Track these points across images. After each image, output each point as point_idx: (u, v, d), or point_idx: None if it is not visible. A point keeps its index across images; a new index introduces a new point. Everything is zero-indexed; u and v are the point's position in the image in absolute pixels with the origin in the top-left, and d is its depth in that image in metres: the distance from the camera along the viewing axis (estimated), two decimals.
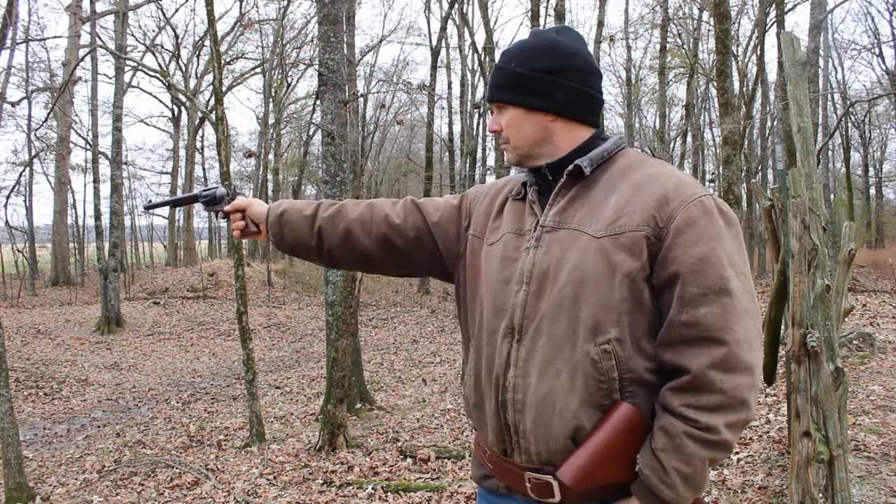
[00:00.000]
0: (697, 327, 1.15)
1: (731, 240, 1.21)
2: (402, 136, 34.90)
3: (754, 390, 1.16)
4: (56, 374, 10.88)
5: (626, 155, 1.34)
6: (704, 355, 1.14)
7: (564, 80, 1.31)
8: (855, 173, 31.92)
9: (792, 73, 3.11)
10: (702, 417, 1.13)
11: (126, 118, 23.52)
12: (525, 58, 1.33)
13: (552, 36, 1.34)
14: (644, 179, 1.26)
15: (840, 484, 2.87)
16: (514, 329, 1.28)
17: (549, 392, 1.22)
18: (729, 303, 1.15)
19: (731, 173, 9.50)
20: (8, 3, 6.36)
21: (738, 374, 1.14)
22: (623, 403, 1.19)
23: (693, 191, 1.23)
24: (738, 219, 1.27)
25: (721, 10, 9.63)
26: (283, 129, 28.26)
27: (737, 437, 1.17)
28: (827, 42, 20.76)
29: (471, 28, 23.96)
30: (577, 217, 1.27)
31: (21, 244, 22.58)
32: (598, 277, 1.20)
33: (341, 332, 5.68)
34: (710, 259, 1.16)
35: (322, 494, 4.57)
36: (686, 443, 1.13)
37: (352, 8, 13.37)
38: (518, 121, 1.34)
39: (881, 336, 7.76)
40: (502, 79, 1.35)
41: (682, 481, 1.14)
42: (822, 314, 2.84)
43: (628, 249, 1.19)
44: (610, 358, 1.18)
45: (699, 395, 1.14)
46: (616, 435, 1.17)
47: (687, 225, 1.18)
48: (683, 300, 1.16)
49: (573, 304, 1.21)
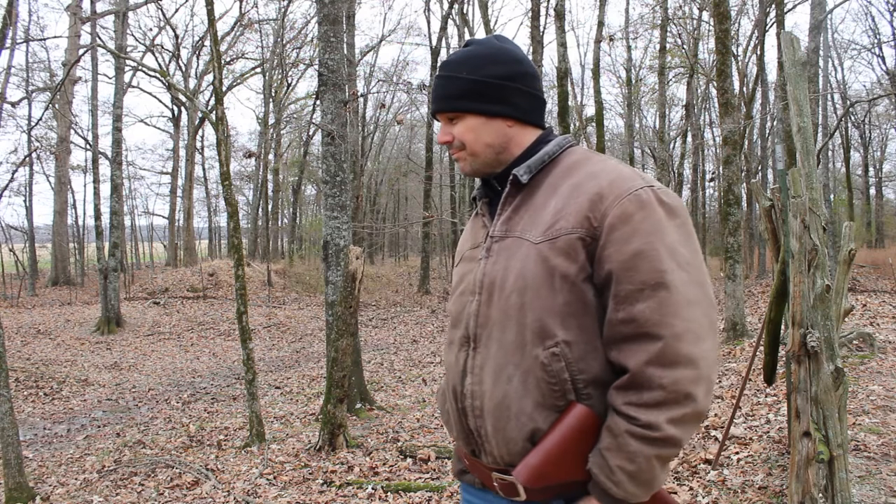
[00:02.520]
0: (634, 324, 1.15)
1: (675, 230, 1.19)
2: (402, 136, 34.94)
3: (701, 383, 1.13)
4: (56, 374, 10.88)
5: (571, 154, 1.34)
6: (642, 352, 1.14)
7: (520, 86, 1.33)
8: (855, 173, 31.95)
9: (792, 73, 3.11)
10: (642, 415, 1.12)
11: (126, 118, 23.55)
12: (477, 65, 1.32)
13: (496, 43, 1.36)
14: (583, 178, 1.26)
15: (840, 484, 2.87)
16: (469, 338, 1.32)
17: (503, 397, 1.24)
18: (666, 296, 1.14)
19: (731, 173, 9.50)
20: (8, 3, 6.36)
21: (678, 368, 1.12)
22: (577, 404, 1.20)
23: (629, 185, 1.21)
24: (684, 207, 1.24)
25: (721, 10, 9.63)
26: (283, 129, 28.26)
27: (686, 432, 1.14)
28: (827, 42, 20.76)
29: (471, 28, 23.98)
30: (521, 224, 1.29)
31: (19, 244, 22.59)
32: (540, 283, 1.21)
33: (341, 332, 5.68)
34: (645, 254, 1.15)
35: (322, 494, 4.57)
36: (628, 441, 1.13)
37: (352, 8, 13.38)
38: (476, 128, 1.34)
39: (881, 336, 7.76)
40: (456, 87, 1.33)
41: (629, 479, 1.14)
42: (822, 314, 2.84)
43: (565, 253, 1.20)
44: (559, 360, 1.19)
45: (640, 393, 1.13)
46: (569, 435, 1.19)
47: (620, 221, 1.18)
48: (619, 298, 1.16)
49: (519, 310, 1.23)
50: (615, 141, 32.29)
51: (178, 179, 29.13)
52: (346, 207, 6.86)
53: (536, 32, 12.85)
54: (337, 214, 6.79)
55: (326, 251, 6.85)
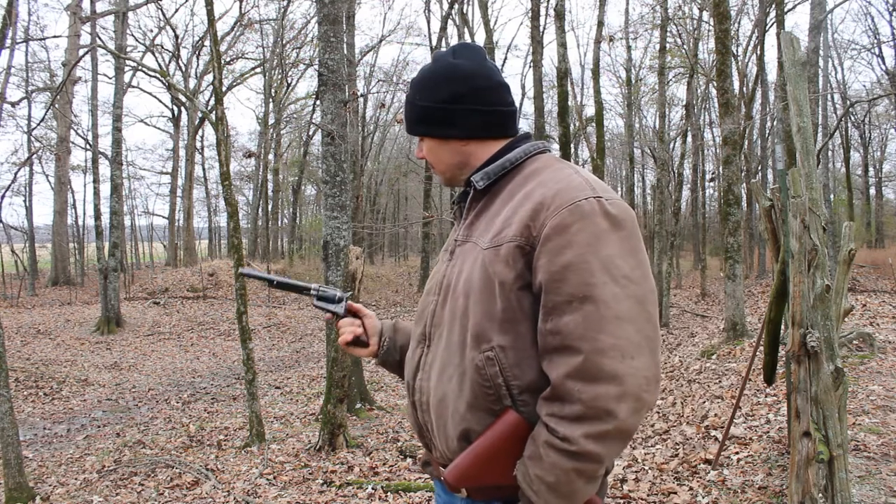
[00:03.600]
0: (559, 336, 1.14)
1: (616, 242, 1.16)
2: (402, 136, 34.89)
3: (625, 400, 1.10)
4: (56, 374, 10.88)
5: (535, 162, 1.34)
6: (563, 364, 1.13)
7: (468, 105, 1.33)
8: (855, 173, 31.96)
9: (792, 73, 3.11)
10: (560, 428, 1.12)
11: (126, 118, 23.56)
12: (426, 89, 1.36)
13: (448, 60, 1.36)
14: (534, 187, 1.26)
15: (840, 484, 2.87)
16: (425, 336, 1.37)
17: (443, 395, 1.28)
18: (593, 310, 1.12)
19: (731, 173, 9.50)
20: (8, 3, 6.36)
21: (599, 384, 1.10)
22: (510, 411, 1.21)
23: (572, 195, 1.19)
24: (632, 219, 1.21)
25: (721, 10, 9.63)
26: (283, 129, 28.27)
27: (607, 448, 1.12)
28: (827, 42, 20.77)
29: (471, 28, 23.99)
30: (478, 230, 1.32)
31: (19, 244, 22.59)
32: (481, 288, 1.23)
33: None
34: (575, 266, 1.14)
35: (322, 494, 4.57)
36: (546, 452, 1.13)
37: (352, 8, 13.37)
38: (435, 150, 1.39)
39: (881, 336, 7.76)
40: (412, 113, 1.40)
41: (548, 490, 1.14)
42: (822, 314, 2.84)
43: (504, 260, 1.21)
44: (493, 364, 1.20)
45: (562, 405, 1.13)
46: (497, 440, 1.20)
47: (555, 232, 1.17)
48: (547, 308, 1.16)
49: (464, 313, 1.26)
50: (615, 141, 32.30)
51: (178, 179, 29.14)
52: (346, 207, 6.87)
53: (536, 32, 12.85)
54: (337, 214, 6.79)
55: (326, 251, 6.85)
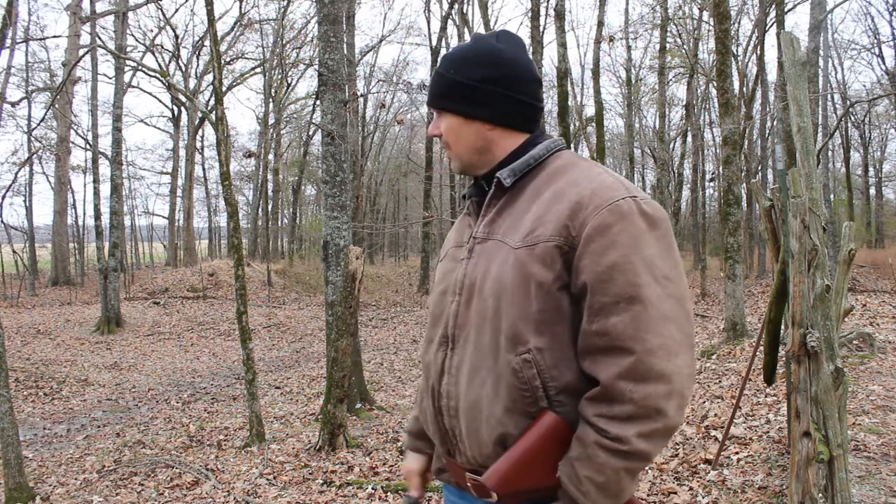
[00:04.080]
0: (607, 337, 1.14)
1: (654, 242, 1.18)
2: (402, 136, 34.95)
3: (673, 398, 1.13)
4: (56, 374, 10.88)
5: (558, 159, 1.32)
6: (614, 365, 1.13)
7: (502, 89, 1.31)
8: (855, 173, 31.96)
9: (792, 73, 3.11)
10: (612, 428, 1.12)
11: (126, 118, 23.56)
12: (463, 65, 1.32)
13: (491, 43, 1.33)
14: (565, 185, 1.25)
15: (840, 484, 2.87)
16: (447, 338, 1.32)
17: (476, 400, 1.25)
18: (641, 311, 1.13)
19: (731, 173, 9.50)
20: (8, 3, 6.36)
21: (650, 384, 1.12)
22: (548, 412, 1.19)
23: (610, 195, 1.19)
24: (667, 219, 1.22)
25: (721, 10, 9.63)
26: (283, 129, 28.27)
27: (655, 446, 1.14)
28: (827, 42, 20.77)
29: (471, 28, 23.97)
30: (503, 228, 1.29)
31: (19, 244, 22.59)
32: (515, 289, 1.21)
33: (341, 332, 5.68)
34: (620, 266, 1.14)
35: (322, 494, 4.57)
36: (597, 452, 1.13)
37: (352, 8, 13.37)
38: (456, 129, 1.35)
39: (881, 336, 7.76)
40: (441, 86, 1.35)
41: (597, 490, 1.14)
42: (822, 314, 2.84)
43: (541, 260, 1.19)
44: (531, 367, 1.19)
45: (611, 405, 1.13)
46: (539, 443, 1.19)
47: (597, 232, 1.16)
48: (593, 310, 1.16)
49: (495, 314, 1.23)
50: (615, 141, 32.29)
51: (178, 179, 29.14)
52: (346, 207, 6.87)
53: (536, 32, 12.85)
54: (337, 214, 6.79)
55: (326, 251, 6.85)
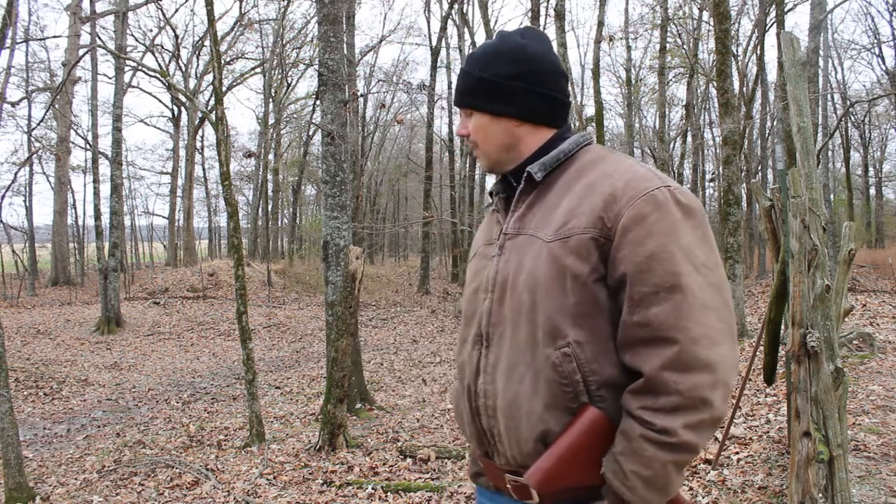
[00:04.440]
0: (649, 327, 1.12)
1: (690, 231, 1.17)
2: (402, 136, 34.93)
3: (718, 387, 1.11)
4: (56, 374, 10.88)
5: (587, 153, 1.32)
6: (657, 356, 1.11)
7: (529, 85, 1.31)
8: (855, 173, 31.95)
9: (792, 73, 3.11)
10: (658, 420, 1.10)
11: (126, 118, 23.56)
12: (489, 63, 1.32)
13: (516, 39, 1.33)
14: (597, 178, 1.24)
15: (840, 484, 2.87)
16: (482, 336, 1.31)
17: (515, 397, 1.23)
18: (681, 300, 1.11)
19: (731, 173, 9.50)
20: (8, 3, 6.36)
21: (695, 373, 1.10)
22: (590, 407, 1.17)
23: (644, 185, 1.18)
24: (701, 208, 1.21)
25: (721, 10, 9.64)
26: (283, 129, 28.26)
27: (703, 438, 1.12)
28: (827, 42, 20.76)
29: (471, 28, 24.00)
30: (533, 222, 1.28)
31: (19, 244, 22.59)
32: (551, 282, 1.19)
33: (341, 332, 5.68)
34: (659, 256, 1.13)
35: (322, 494, 4.57)
36: (644, 446, 1.11)
37: (352, 8, 13.37)
38: (484, 126, 1.35)
39: (881, 336, 7.77)
40: (468, 84, 1.35)
41: (644, 485, 1.12)
42: (822, 314, 2.84)
43: (577, 253, 1.18)
44: (571, 361, 1.18)
45: (656, 397, 1.11)
46: (581, 439, 1.17)
47: (634, 223, 1.15)
48: (633, 300, 1.14)
49: (531, 309, 1.21)
50: (615, 141, 32.28)
51: (178, 179, 29.13)
52: (346, 207, 6.86)
53: None
54: (337, 214, 6.79)
55: (326, 251, 6.85)
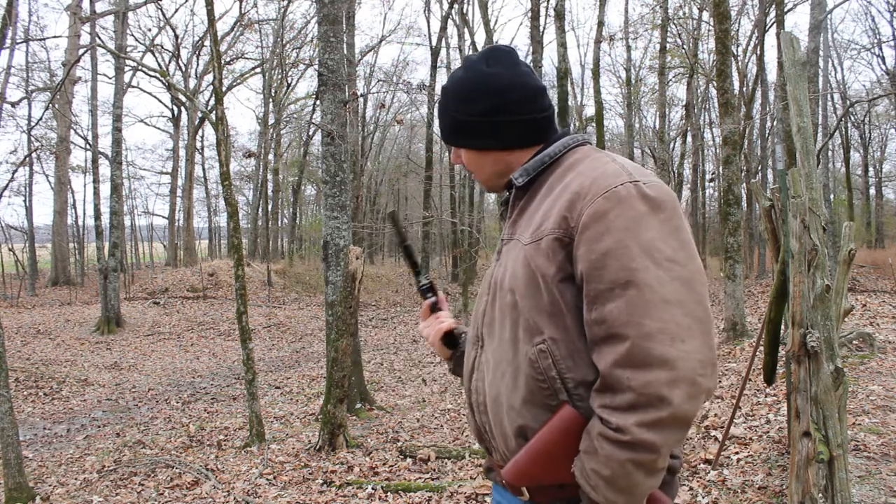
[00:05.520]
0: (605, 325, 1.12)
1: (657, 225, 1.14)
2: (402, 136, 34.92)
3: (679, 385, 1.07)
4: (56, 374, 10.88)
5: (575, 154, 1.32)
6: (610, 353, 1.11)
7: (506, 117, 1.32)
8: (855, 173, 31.95)
9: (792, 73, 3.11)
10: (613, 418, 1.09)
11: (126, 118, 23.53)
12: (462, 101, 1.35)
13: (482, 69, 1.33)
14: (573, 178, 1.24)
15: (840, 484, 2.87)
16: (478, 337, 1.36)
17: (497, 393, 1.27)
18: (636, 295, 1.09)
19: (731, 173, 9.50)
20: (8, 3, 6.36)
21: (649, 370, 1.07)
22: (565, 406, 1.18)
23: (608, 182, 1.17)
24: (673, 201, 1.18)
25: (721, 10, 9.64)
26: (283, 129, 28.26)
27: (664, 436, 1.08)
28: (827, 42, 20.77)
29: (471, 28, 23.99)
30: (521, 226, 1.32)
31: (19, 244, 22.59)
32: (527, 283, 1.22)
33: (341, 332, 5.68)
34: (614, 252, 1.12)
35: (322, 494, 4.57)
36: (601, 444, 1.10)
37: (352, 8, 13.37)
38: (475, 160, 1.40)
39: (881, 336, 7.76)
40: (448, 123, 1.39)
41: (605, 485, 1.11)
42: (822, 314, 2.84)
43: (545, 254, 1.20)
44: (546, 357, 1.19)
45: (613, 395, 1.10)
46: (554, 436, 1.17)
47: (593, 220, 1.15)
48: (590, 298, 1.14)
49: (513, 308, 1.25)
50: (615, 141, 32.29)
51: (178, 179, 29.12)
52: (346, 207, 6.87)
53: (536, 32, 12.85)
54: (337, 214, 6.79)
55: (326, 251, 6.85)
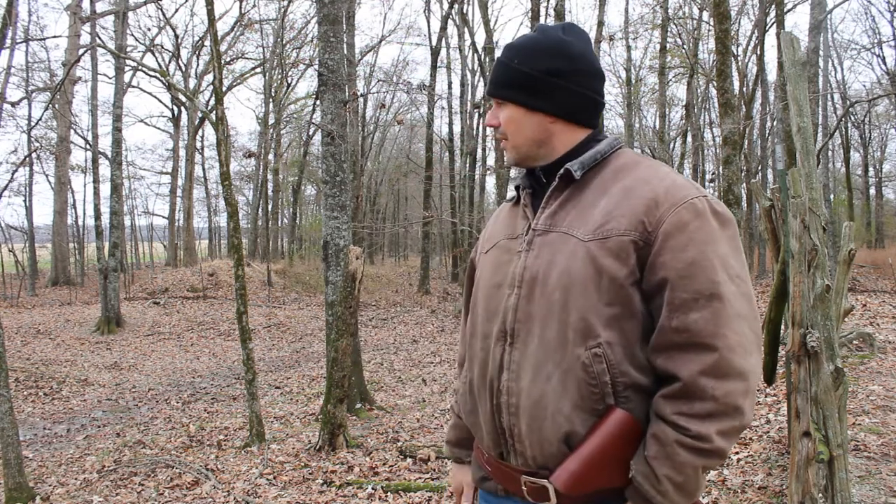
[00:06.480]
0: (688, 333, 1.13)
1: (727, 242, 1.19)
2: (402, 136, 34.91)
3: (749, 396, 1.14)
4: (56, 374, 10.88)
5: (621, 156, 1.32)
6: (695, 362, 1.12)
7: (567, 83, 1.29)
8: (855, 173, 31.95)
9: (792, 73, 3.11)
10: (693, 426, 1.11)
11: (126, 118, 23.53)
12: (529, 56, 1.30)
13: (558, 35, 1.31)
14: (635, 182, 1.24)
15: (840, 484, 2.87)
16: (506, 332, 1.28)
17: (541, 396, 1.22)
18: (720, 307, 1.13)
19: (731, 173, 9.50)
20: (8, 3, 6.36)
21: (730, 381, 1.12)
22: (617, 409, 1.17)
23: (684, 193, 1.20)
24: (734, 219, 1.24)
25: (721, 10, 9.63)
26: (283, 129, 28.26)
27: (731, 444, 1.15)
28: (827, 42, 20.76)
29: (471, 28, 23.97)
30: (567, 220, 1.27)
31: (19, 244, 22.58)
32: (586, 282, 1.19)
33: (341, 332, 5.68)
34: (700, 263, 1.14)
35: (322, 494, 4.57)
36: (678, 451, 1.12)
37: (352, 8, 13.37)
38: (517, 119, 1.33)
39: (881, 336, 7.76)
40: (504, 75, 1.33)
41: (675, 489, 1.13)
42: (822, 314, 2.84)
43: (615, 254, 1.18)
44: (601, 361, 1.17)
45: (691, 403, 1.12)
46: (609, 441, 1.17)
47: (676, 229, 1.16)
48: (673, 305, 1.15)
49: (563, 308, 1.20)
50: None
51: (178, 179, 29.12)
52: (346, 207, 6.86)
53: None
54: (337, 214, 6.79)
55: (326, 251, 6.85)
